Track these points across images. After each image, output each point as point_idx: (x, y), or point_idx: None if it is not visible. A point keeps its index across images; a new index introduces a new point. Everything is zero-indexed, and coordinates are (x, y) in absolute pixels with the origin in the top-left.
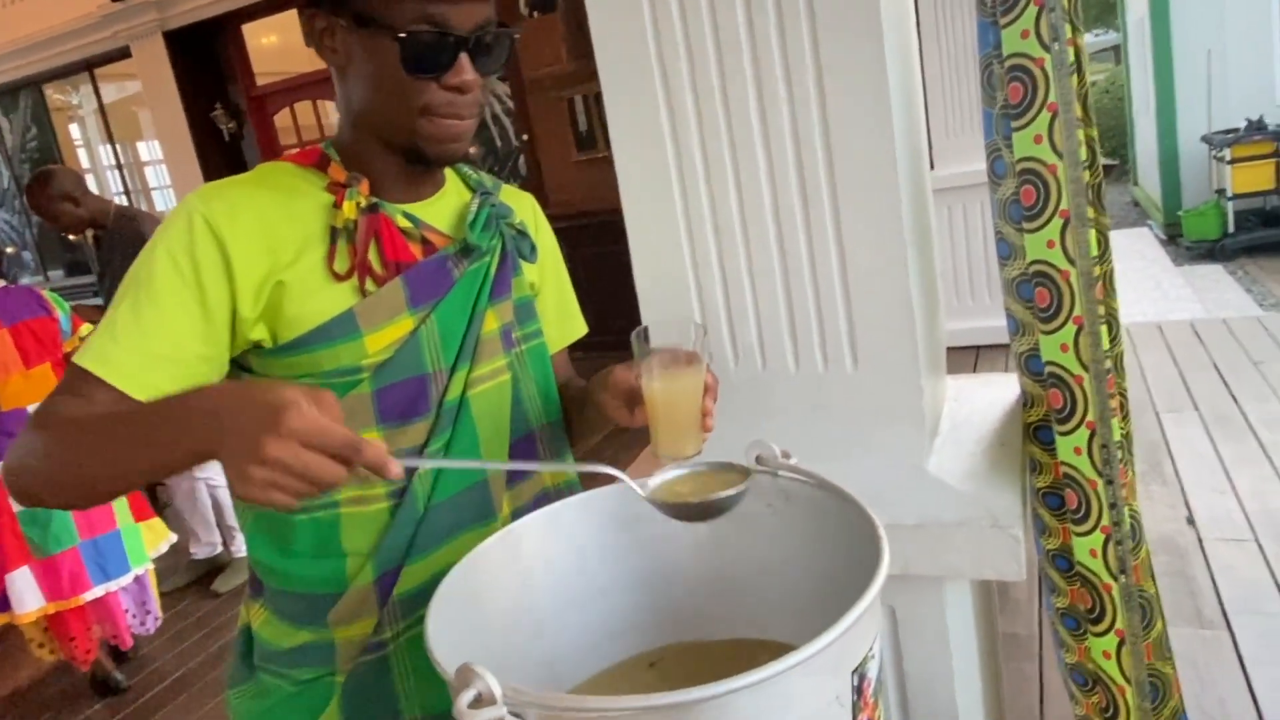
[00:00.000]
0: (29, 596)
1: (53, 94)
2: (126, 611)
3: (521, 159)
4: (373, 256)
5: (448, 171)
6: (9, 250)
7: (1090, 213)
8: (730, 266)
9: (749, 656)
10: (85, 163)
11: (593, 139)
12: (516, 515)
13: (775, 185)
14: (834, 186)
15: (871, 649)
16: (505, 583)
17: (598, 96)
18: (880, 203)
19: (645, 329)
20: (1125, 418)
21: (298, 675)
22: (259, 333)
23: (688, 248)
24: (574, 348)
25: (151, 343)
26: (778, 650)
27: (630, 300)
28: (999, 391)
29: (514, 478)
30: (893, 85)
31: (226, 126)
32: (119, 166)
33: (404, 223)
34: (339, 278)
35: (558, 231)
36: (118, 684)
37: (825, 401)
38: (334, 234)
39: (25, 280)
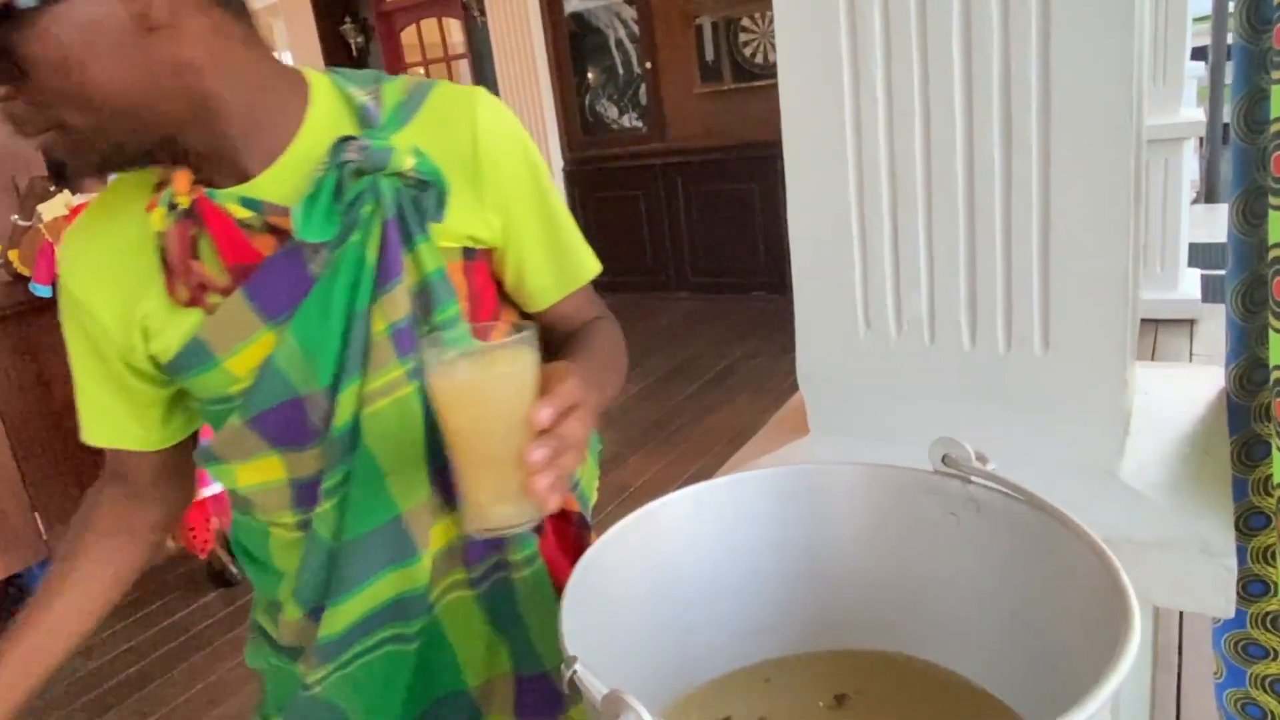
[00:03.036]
0: None
1: None
2: None
3: (643, 88)
4: (210, 265)
5: (318, 97)
6: None
7: None
8: (905, 220)
9: (912, 683)
10: None
11: (718, 70)
12: (471, 545)
13: (973, 125)
14: (1047, 131)
15: None
16: (639, 567)
17: (728, 22)
18: (1105, 155)
19: (439, 332)
20: None
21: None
22: (154, 364)
23: (855, 193)
24: (686, 288)
25: (109, 403)
26: (944, 680)
27: (746, 244)
28: (1196, 386)
29: (455, 502)
30: (1137, 9)
31: (354, 41)
32: None
33: (241, 212)
34: (182, 303)
35: (673, 168)
36: (232, 576)
37: (1002, 387)
38: (164, 254)
39: None
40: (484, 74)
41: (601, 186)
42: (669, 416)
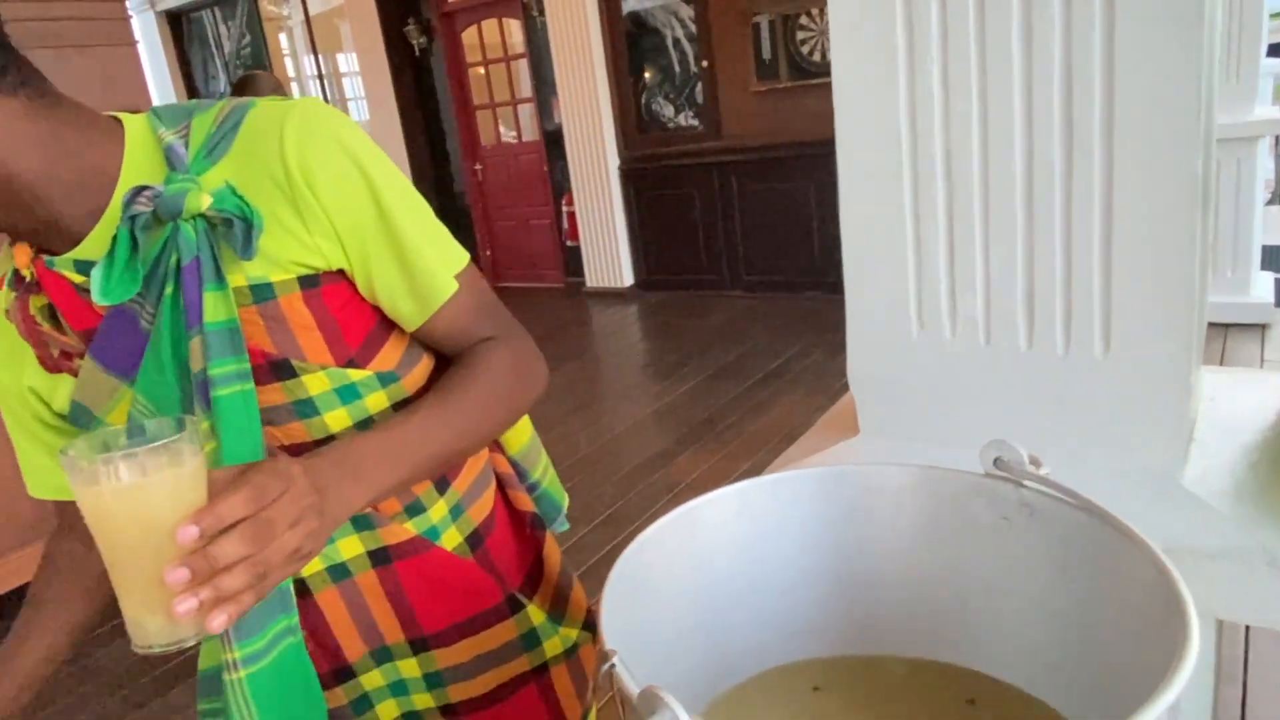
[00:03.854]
0: None
1: (265, 4)
2: None
3: (699, 87)
4: (68, 332)
5: (132, 145)
6: None
7: None
8: (961, 218)
9: (957, 690)
10: (291, 71)
11: (775, 68)
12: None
13: (1032, 122)
14: (1110, 129)
15: None
16: (680, 564)
17: (786, 19)
18: (1170, 154)
19: (108, 436)
20: None
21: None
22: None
23: (910, 191)
24: (740, 286)
25: (40, 459)
26: (990, 687)
27: (801, 243)
28: (1267, 392)
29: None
30: (1207, 2)
31: (417, 42)
32: (320, 77)
33: (76, 277)
34: (52, 370)
35: (728, 166)
36: None
37: (1060, 390)
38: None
39: None
40: (542, 73)
41: (656, 185)
42: (719, 414)
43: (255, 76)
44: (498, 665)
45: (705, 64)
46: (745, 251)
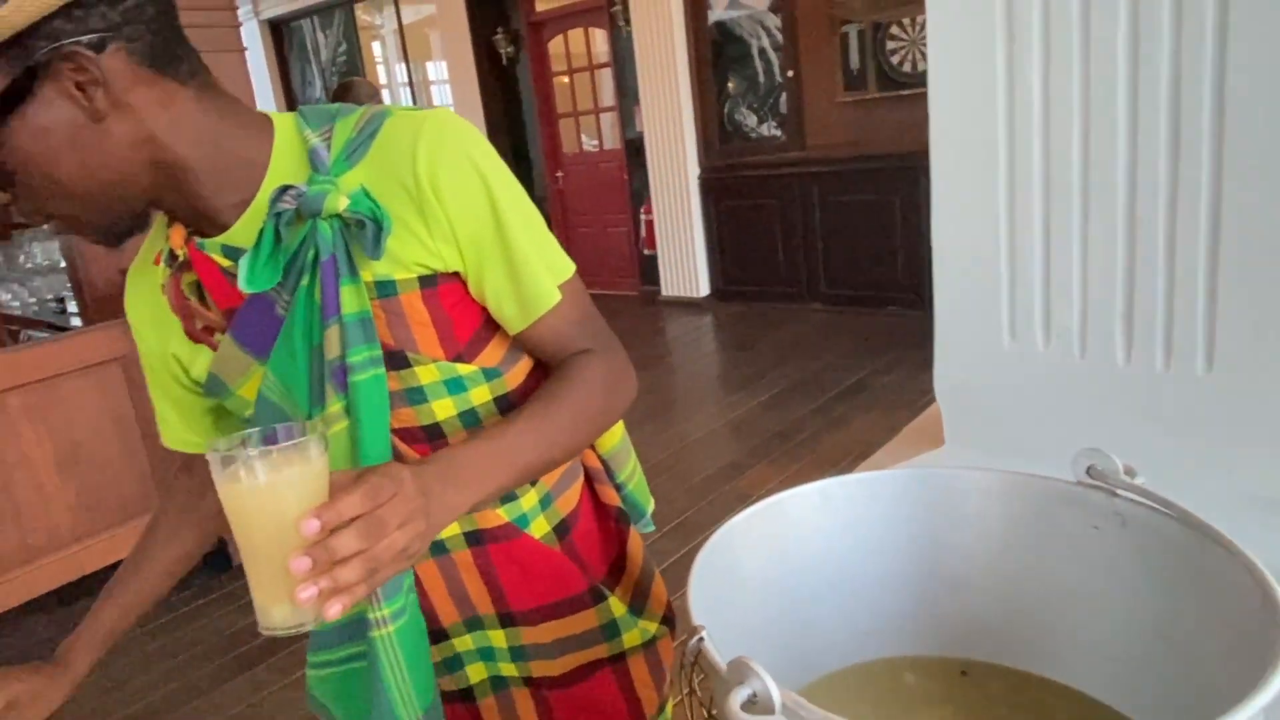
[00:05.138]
0: None
1: (361, 14)
2: None
3: (783, 97)
4: (213, 309)
5: (280, 143)
6: None
7: None
8: (1058, 230)
9: (1032, 694)
10: (383, 78)
11: (863, 79)
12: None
13: (1137, 132)
14: (1220, 137)
15: None
16: (763, 555)
17: (876, 29)
18: None
19: (246, 437)
20: None
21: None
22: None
23: (1006, 203)
24: (819, 299)
25: (170, 415)
26: (1072, 698)
27: (884, 257)
28: None
29: None
30: None
31: (505, 51)
32: (410, 84)
33: (224, 260)
34: (195, 341)
35: (810, 177)
36: None
37: (1158, 406)
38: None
39: None
40: (625, 82)
41: (736, 195)
42: (794, 428)
43: (353, 83)
44: (577, 650)
45: (790, 74)
46: (825, 264)
